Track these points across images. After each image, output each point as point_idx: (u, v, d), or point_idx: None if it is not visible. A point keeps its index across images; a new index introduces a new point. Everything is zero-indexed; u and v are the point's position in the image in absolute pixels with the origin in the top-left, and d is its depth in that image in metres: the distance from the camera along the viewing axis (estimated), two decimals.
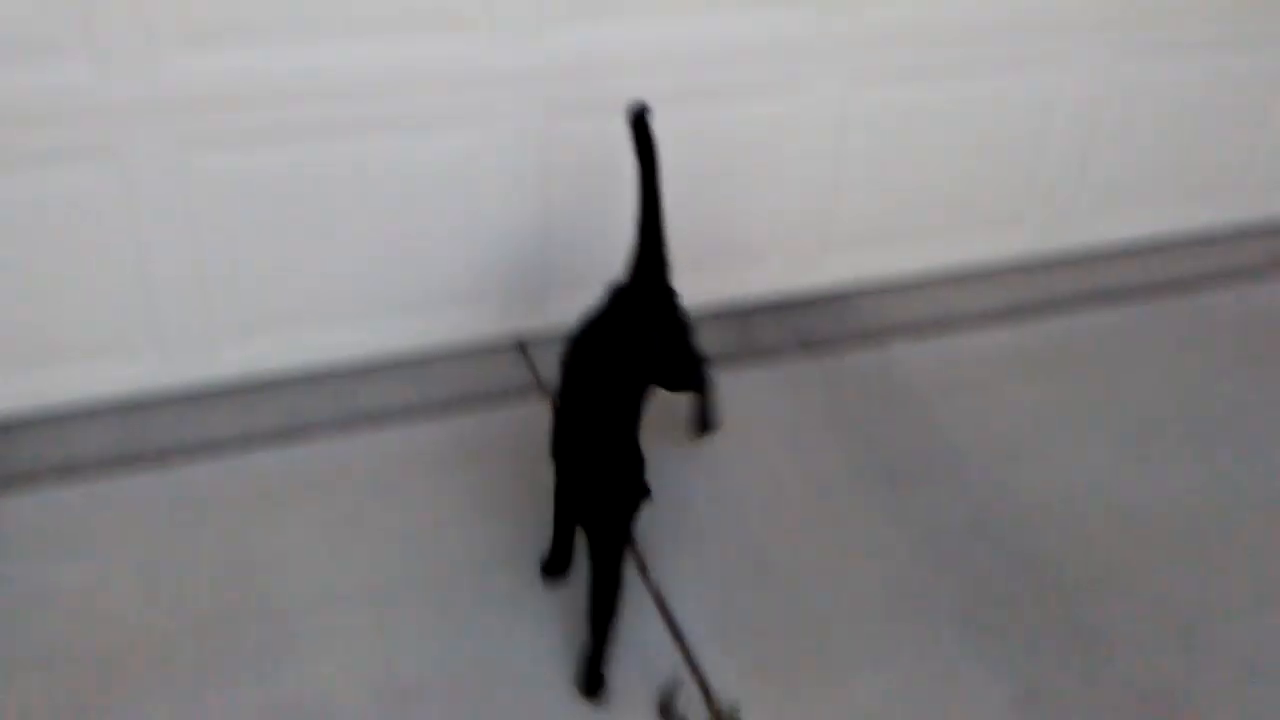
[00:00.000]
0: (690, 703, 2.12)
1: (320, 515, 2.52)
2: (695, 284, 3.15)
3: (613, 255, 2.97)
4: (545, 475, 2.26)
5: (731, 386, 2.97)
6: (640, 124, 2.28)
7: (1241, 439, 2.86)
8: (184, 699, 2.10)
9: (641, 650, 2.23)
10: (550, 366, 2.94)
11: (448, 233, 2.87)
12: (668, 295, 2.42)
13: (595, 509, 2.07)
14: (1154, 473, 2.75)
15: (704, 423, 2.70)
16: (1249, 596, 2.42)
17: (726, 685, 2.17)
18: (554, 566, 2.36)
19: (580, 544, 2.25)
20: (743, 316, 3.25)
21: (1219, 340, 3.24)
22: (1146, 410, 2.96)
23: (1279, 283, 3.53)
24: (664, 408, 2.60)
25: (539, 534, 2.41)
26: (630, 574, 2.35)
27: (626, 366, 2.20)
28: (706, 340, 3.11)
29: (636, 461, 2.10)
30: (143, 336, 2.73)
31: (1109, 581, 2.44)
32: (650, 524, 2.50)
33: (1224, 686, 2.20)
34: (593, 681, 2.12)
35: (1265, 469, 2.76)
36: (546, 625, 2.27)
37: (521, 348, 3.08)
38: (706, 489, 2.64)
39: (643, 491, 2.08)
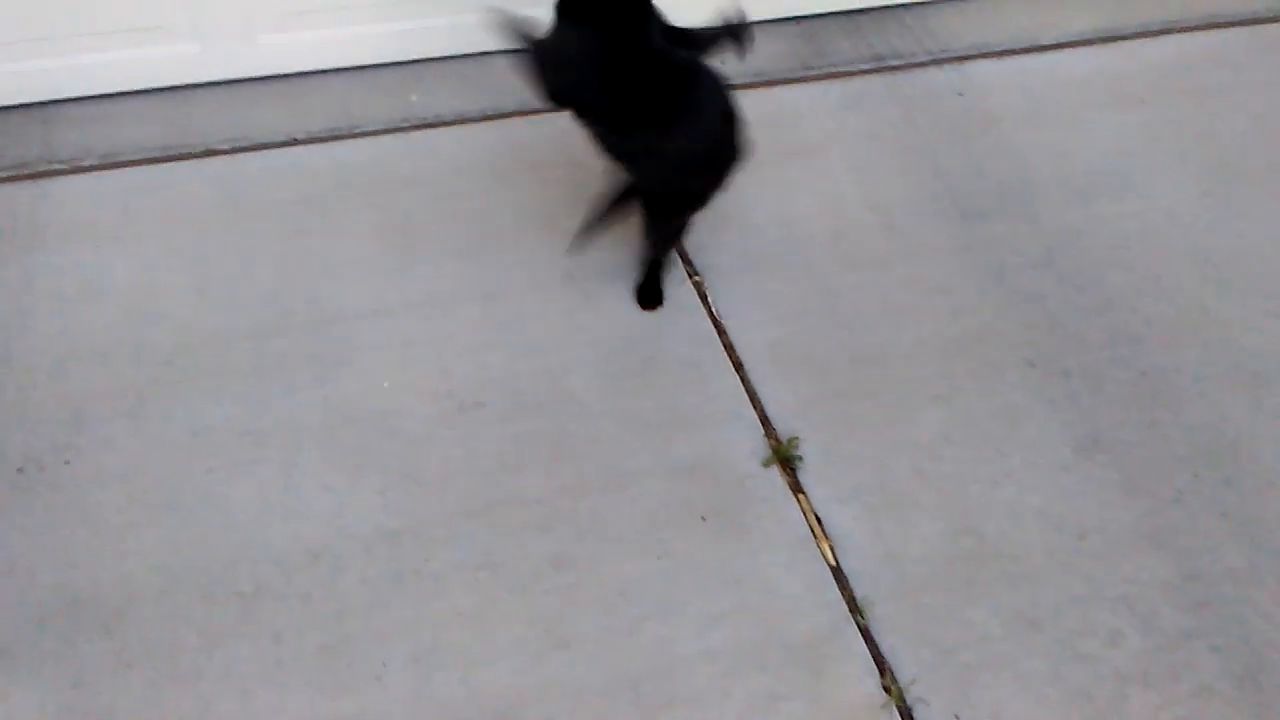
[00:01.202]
0: None
1: (373, 220, 2.44)
2: None
3: None
4: (602, 187, 2.16)
5: (800, 102, 2.81)
6: None
7: None
8: (243, 399, 2.10)
9: (699, 372, 2.21)
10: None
11: None
12: None
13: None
14: (1238, 216, 2.62)
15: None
16: None
17: (785, 416, 2.15)
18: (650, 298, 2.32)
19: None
20: (812, 28, 3.03)
21: None
22: (1237, 149, 2.79)
23: None
24: None
25: (594, 249, 2.33)
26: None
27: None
28: (773, 52, 2.92)
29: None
30: (183, 20, 2.55)
31: (1180, 326, 2.37)
32: (711, 245, 2.42)
33: None
34: (653, 295, 2.29)
35: None
36: (603, 344, 2.24)
37: None
38: (769, 212, 2.54)
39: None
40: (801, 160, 2.66)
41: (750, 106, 2.71)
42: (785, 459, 2.08)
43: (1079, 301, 2.40)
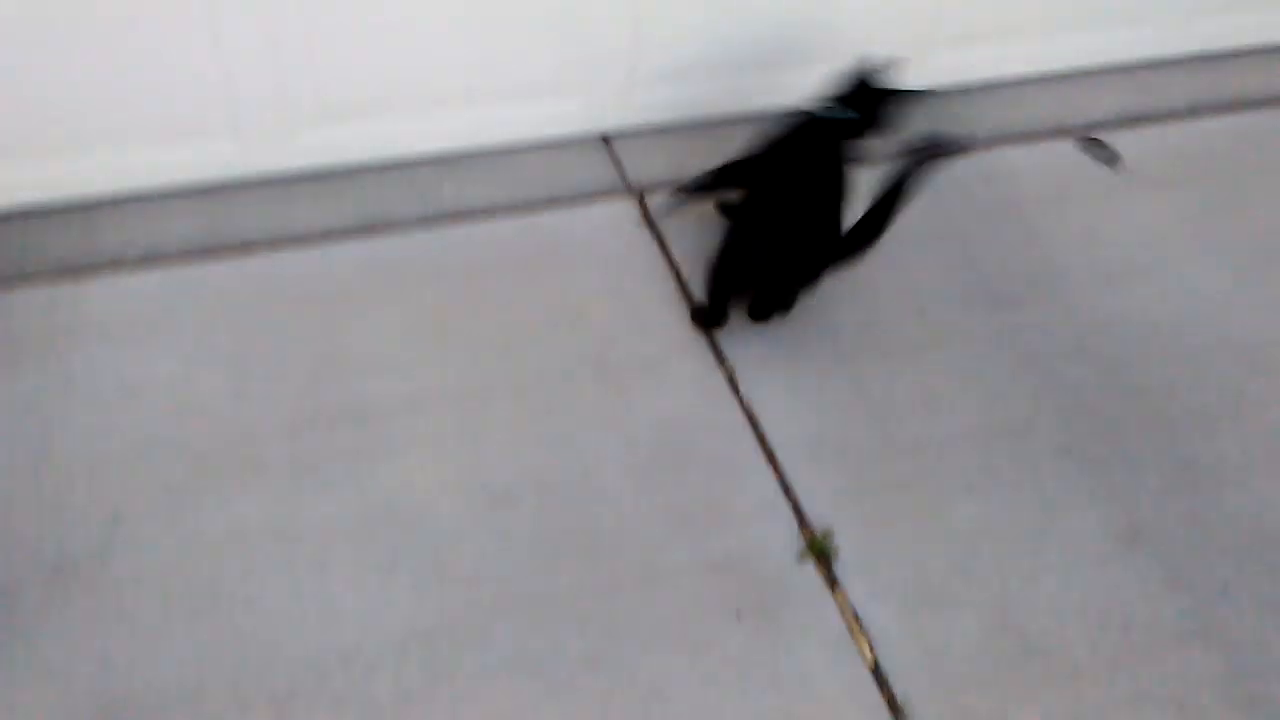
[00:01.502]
0: None
1: (406, 314, 2.46)
2: (790, 83, 2.97)
3: (708, 48, 2.78)
4: (631, 281, 2.18)
5: None
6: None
7: None
8: (278, 497, 2.11)
9: (731, 465, 2.20)
10: (636, 162, 2.82)
11: (532, 20, 2.68)
12: None
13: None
14: (1273, 300, 2.61)
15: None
16: None
17: (819, 509, 2.14)
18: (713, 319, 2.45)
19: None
20: None
21: None
22: (1269, 231, 2.78)
23: None
24: None
25: (624, 341, 2.34)
26: (724, 387, 2.31)
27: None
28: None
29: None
30: (220, 119, 2.61)
31: (1218, 413, 2.35)
32: (741, 334, 2.43)
33: None
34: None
35: None
36: (635, 436, 2.24)
37: (606, 142, 2.93)
38: (800, 303, 2.54)
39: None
40: None
41: None
42: (821, 553, 2.07)
43: (1113, 389, 2.38)
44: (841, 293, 2.56)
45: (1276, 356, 2.47)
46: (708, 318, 2.45)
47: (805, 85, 2.97)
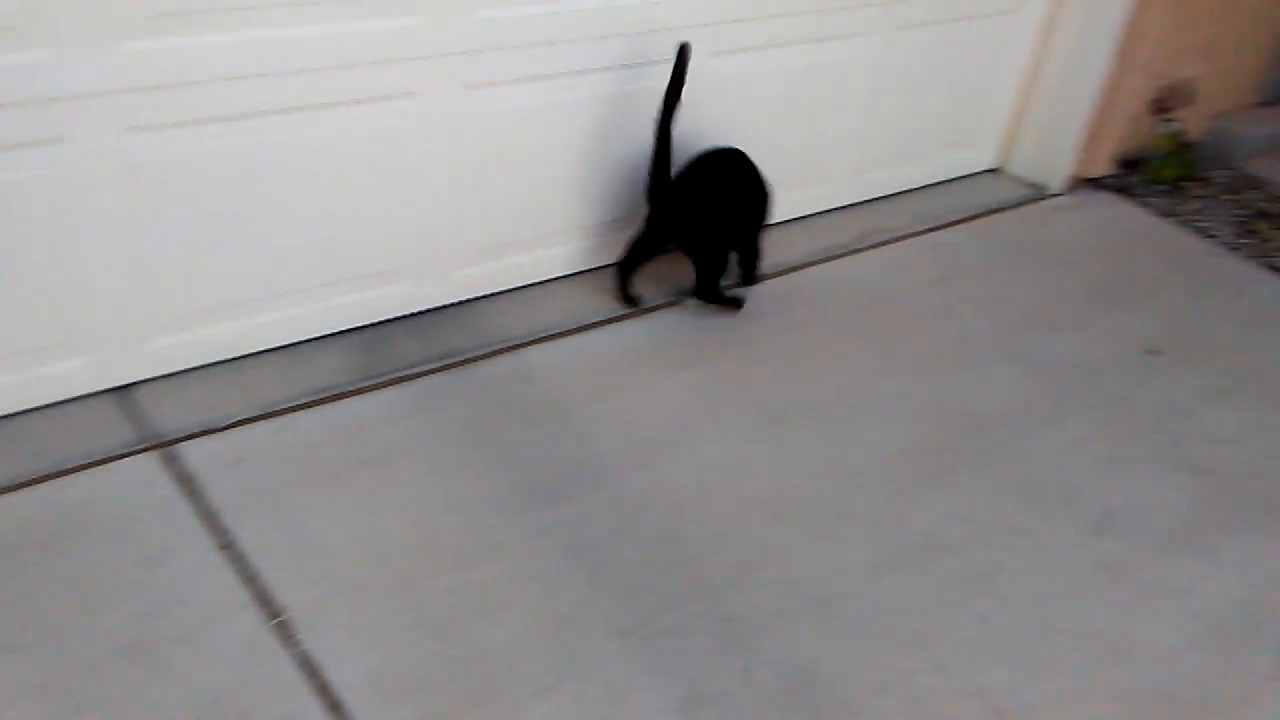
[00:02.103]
0: None
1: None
2: (322, 308, 3.01)
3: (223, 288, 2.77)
4: (162, 543, 2.05)
5: (368, 412, 2.86)
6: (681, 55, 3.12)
7: (870, 417, 3.11)
8: None
9: None
10: (162, 414, 2.71)
11: (22, 283, 2.54)
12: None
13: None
14: (781, 454, 2.92)
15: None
16: (870, 563, 2.63)
17: None
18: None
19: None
20: (373, 336, 3.12)
21: (826, 313, 3.50)
22: (765, 396, 3.14)
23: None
24: None
25: (162, 614, 2.19)
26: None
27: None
28: (335, 366, 2.99)
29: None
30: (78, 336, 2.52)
31: (749, 567, 2.57)
32: (294, 579, 2.36)
33: (858, 654, 2.39)
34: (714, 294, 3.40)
35: (883, 438, 3.01)
36: (183, 713, 2.07)
37: (122, 395, 2.78)
38: (352, 532, 2.52)
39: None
40: (377, 471, 2.68)
41: (314, 425, 2.75)
42: None
43: (658, 563, 2.55)
44: (393, 518, 2.57)
45: (789, 504, 2.76)
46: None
47: (335, 310, 3.04)
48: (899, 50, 3.85)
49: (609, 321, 3.33)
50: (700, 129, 3.39)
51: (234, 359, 2.94)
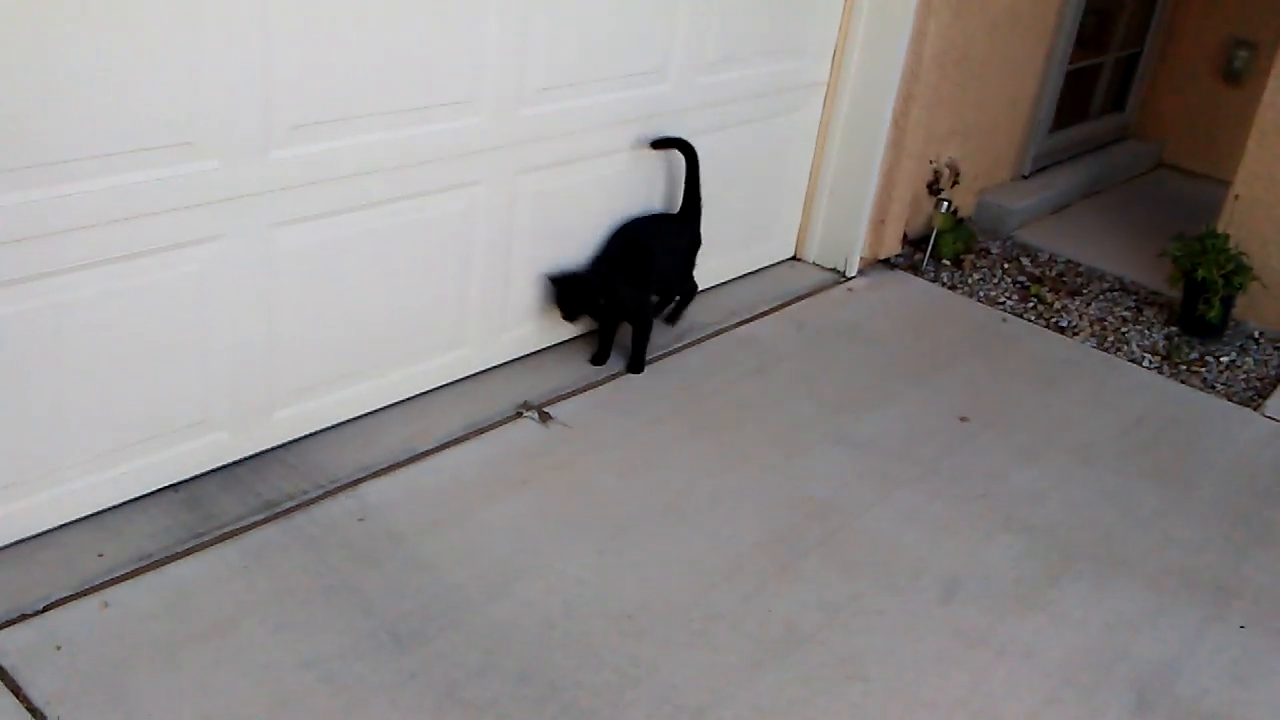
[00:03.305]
0: None
1: None
2: (138, 468, 2.83)
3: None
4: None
5: (196, 575, 2.69)
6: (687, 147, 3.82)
7: (716, 513, 3.13)
8: None
9: None
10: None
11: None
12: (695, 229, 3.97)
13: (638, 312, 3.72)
14: (632, 565, 2.91)
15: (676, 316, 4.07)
16: (740, 664, 2.63)
17: None
18: (600, 358, 3.75)
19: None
20: (192, 491, 2.94)
21: (657, 412, 3.53)
22: (611, 502, 3.13)
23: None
24: None
25: None
26: None
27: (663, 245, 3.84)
28: (153, 529, 2.81)
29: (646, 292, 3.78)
30: None
31: (621, 685, 2.52)
32: None
33: None
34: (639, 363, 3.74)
35: (731, 533, 3.04)
36: None
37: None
38: (197, 712, 2.33)
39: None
40: (218, 640, 2.50)
41: (140, 596, 2.56)
42: None
43: (526, 694, 2.47)
44: (239, 688, 2.39)
45: (650, 615, 2.74)
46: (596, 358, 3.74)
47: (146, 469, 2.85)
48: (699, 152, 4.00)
49: (437, 450, 3.25)
50: None
51: (40, 534, 2.70)
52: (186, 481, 2.96)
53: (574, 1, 3.33)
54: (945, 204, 4.88)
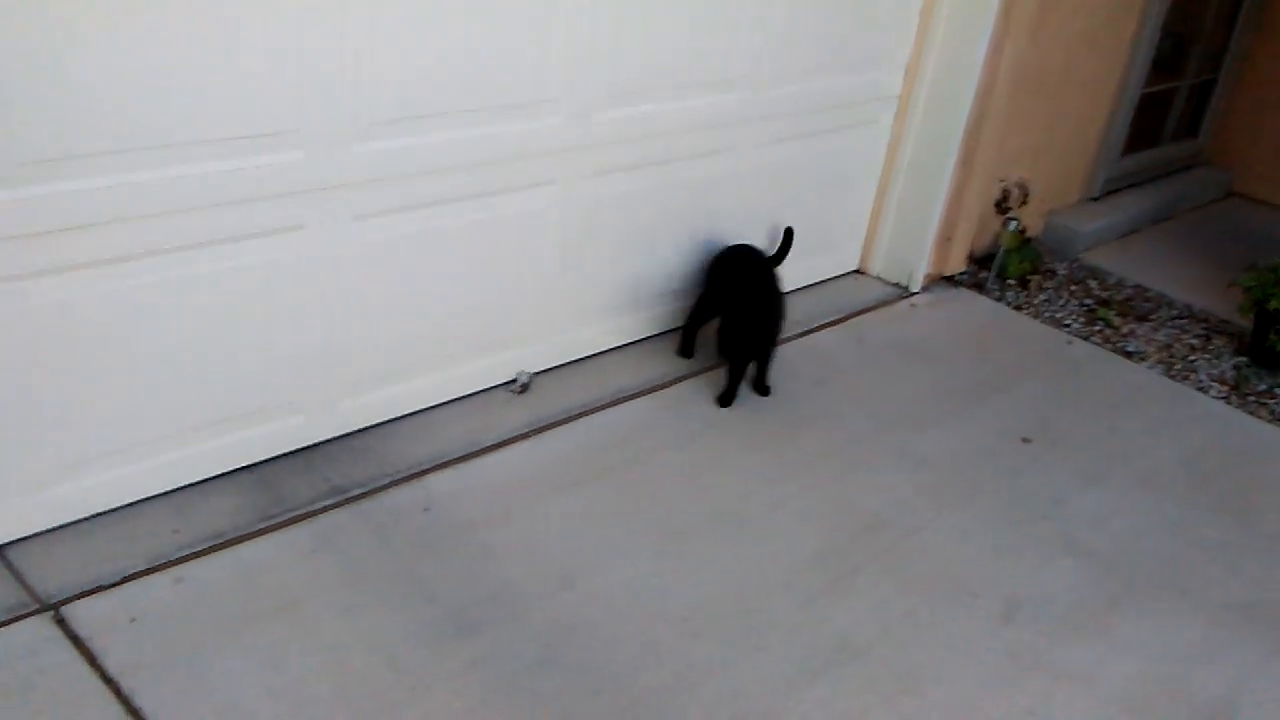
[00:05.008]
0: None
1: None
2: (213, 448, 2.90)
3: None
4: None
5: (268, 556, 2.75)
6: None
7: (773, 522, 3.15)
8: None
9: None
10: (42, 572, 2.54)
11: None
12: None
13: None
14: (689, 569, 2.93)
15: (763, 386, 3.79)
16: (795, 673, 2.64)
17: None
18: (728, 399, 3.68)
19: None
20: (265, 473, 3.01)
21: (717, 419, 3.55)
22: (673, 505, 3.15)
23: None
24: None
25: None
26: None
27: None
28: (227, 508, 2.86)
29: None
30: None
31: (678, 688, 2.55)
32: None
33: None
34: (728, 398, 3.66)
35: (788, 543, 3.05)
36: None
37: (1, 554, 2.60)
38: (260, 685, 2.39)
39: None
40: (286, 619, 2.56)
41: (212, 573, 2.62)
42: None
43: (585, 688, 2.50)
44: (307, 668, 2.45)
45: (708, 621, 2.75)
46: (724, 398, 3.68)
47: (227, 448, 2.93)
48: (765, 162, 4.02)
49: (501, 445, 3.29)
50: None
51: (117, 509, 2.78)
52: (259, 464, 3.03)
53: (652, 12, 3.35)
54: (1013, 223, 4.85)
